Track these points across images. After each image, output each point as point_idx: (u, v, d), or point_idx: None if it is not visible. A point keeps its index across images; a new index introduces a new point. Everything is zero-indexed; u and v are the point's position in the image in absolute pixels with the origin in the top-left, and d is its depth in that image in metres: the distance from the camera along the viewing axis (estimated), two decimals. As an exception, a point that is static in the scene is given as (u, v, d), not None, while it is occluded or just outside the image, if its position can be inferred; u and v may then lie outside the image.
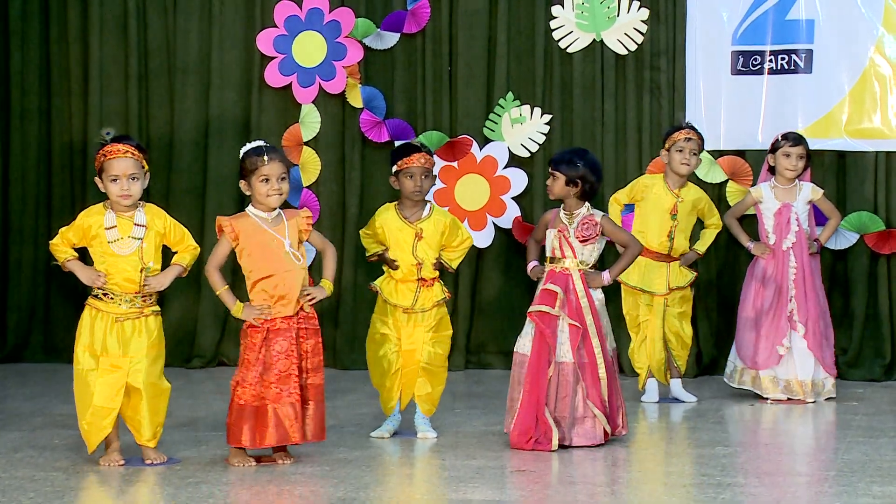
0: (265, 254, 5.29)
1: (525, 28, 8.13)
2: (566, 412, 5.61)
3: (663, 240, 6.88)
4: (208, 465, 5.30)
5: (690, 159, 6.87)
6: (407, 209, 5.93)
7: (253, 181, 5.31)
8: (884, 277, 7.67)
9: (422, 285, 5.88)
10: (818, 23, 7.66)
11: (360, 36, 8.18)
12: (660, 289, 6.88)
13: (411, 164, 5.87)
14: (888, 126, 7.62)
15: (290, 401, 5.25)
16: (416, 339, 5.87)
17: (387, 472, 5.39)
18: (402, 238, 5.89)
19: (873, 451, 5.52)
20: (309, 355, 5.33)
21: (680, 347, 6.96)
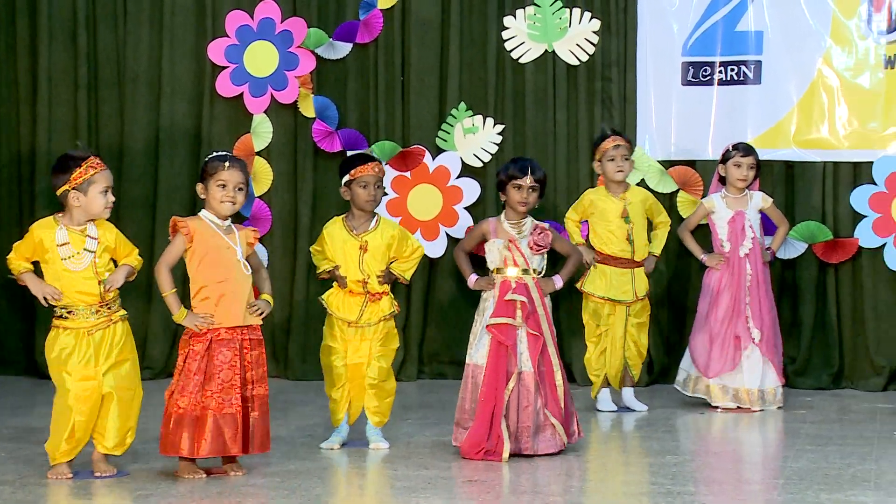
0: (218, 259, 5.28)
1: (477, 38, 8.15)
2: (529, 421, 5.63)
3: (624, 245, 6.92)
4: (158, 478, 5.26)
5: (623, 165, 6.91)
6: (355, 220, 5.92)
7: (210, 185, 5.30)
8: (832, 286, 7.74)
9: (369, 300, 5.86)
10: (767, 34, 7.73)
11: (313, 46, 8.17)
12: (627, 297, 6.91)
13: (365, 173, 5.86)
14: (836, 137, 7.70)
15: (230, 411, 5.22)
16: (363, 352, 5.86)
17: (338, 483, 5.38)
18: (347, 251, 5.87)
19: (821, 459, 5.57)
20: (253, 366, 5.30)
21: (636, 356, 7.00)
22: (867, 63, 7.63)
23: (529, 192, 5.75)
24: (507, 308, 5.69)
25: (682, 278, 7.86)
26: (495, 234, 5.81)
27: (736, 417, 6.79)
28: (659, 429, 6.48)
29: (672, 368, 7.88)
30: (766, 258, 7.03)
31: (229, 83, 8.20)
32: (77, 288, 5.18)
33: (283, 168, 8.25)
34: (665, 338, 7.91)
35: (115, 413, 5.23)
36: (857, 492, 4.92)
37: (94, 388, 5.20)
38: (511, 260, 5.75)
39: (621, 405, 7.00)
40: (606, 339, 6.94)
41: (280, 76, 8.16)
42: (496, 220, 5.84)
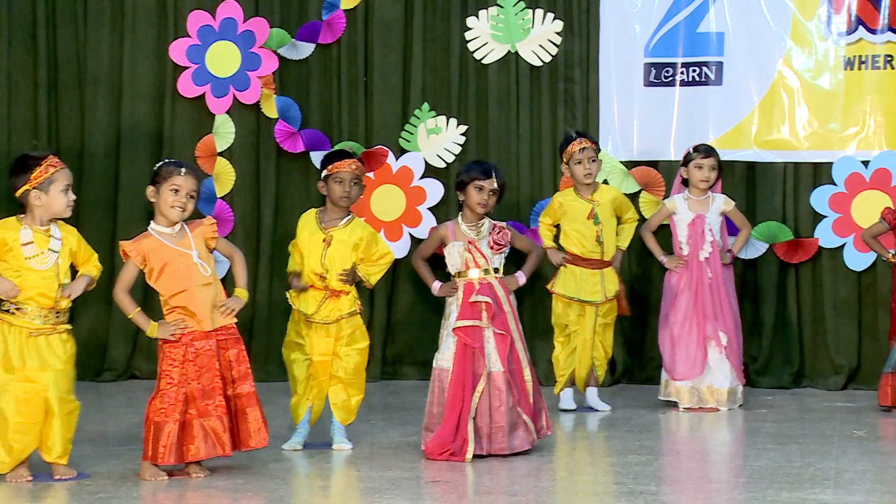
0: (174, 270, 5.25)
1: (440, 39, 8.15)
2: (503, 421, 5.63)
3: (593, 246, 6.93)
4: (119, 480, 5.22)
5: (591, 167, 6.93)
6: (327, 214, 5.90)
7: (163, 188, 5.28)
8: (792, 286, 7.80)
9: (328, 296, 5.84)
10: (728, 35, 7.78)
11: (275, 46, 8.15)
12: (596, 297, 6.93)
13: (342, 168, 5.85)
14: (796, 137, 7.75)
15: (216, 414, 5.21)
16: (326, 350, 5.84)
17: (301, 484, 5.36)
18: (312, 243, 5.85)
19: (782, 458, 5.61)
20: (234, 364, 5.30)
21: (603, 357, 7.02)
22: (827, 64, 7.69)
23: (490, 195, 5.76)
24: (473, 310, 5.69)
25: (644, 279, 7.90)
26: (454, 237, 5.80)
27: (697, 417, 6.82)
28: (621, 428, 6.50)
29: (635, 369, 7.92)
30: (725, 260, 7.07)
31: (191, 83, 8.17)
32: (37, 288, 5.14)
33: (245, 169, 8.22)
34: (628, 338, 7.94)
35: (58, 424, 5.19)
36: (817, 490, 4.96)
37: (36, 392, 5.14)
38: (472, 261, 5.76)
39: (584, 405, 7.02)
40: (576, 340, 6.96)
41: (242, 76, 8.13)
42: (454, 224, 5.84)
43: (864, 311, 7.73)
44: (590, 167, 6.91)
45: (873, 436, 6.27)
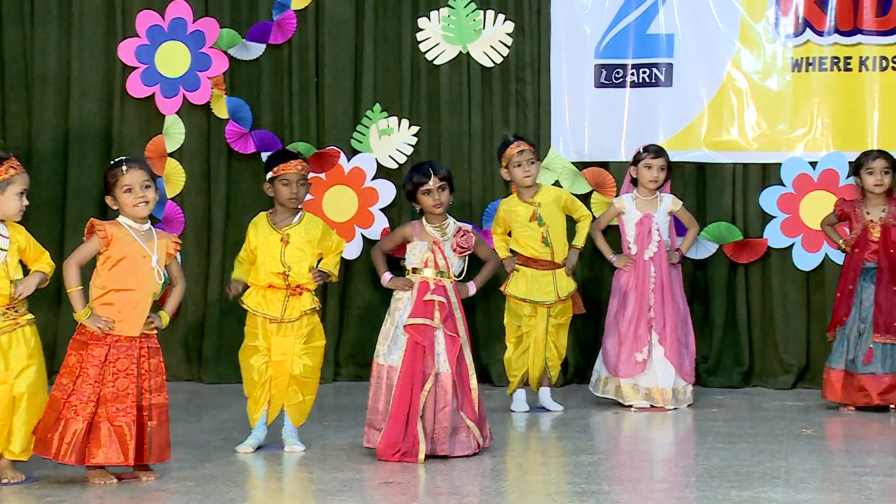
0: (132, 266, 5.21)
1: (392, 40, 8.14)
2: (446, 422, 5.63)
3: (541, 247, 6.95)
4: (67, 484, 5.17)
5: (530, 169, 6.95)
6: (278, 216, 5.90)
7: (117, 193, 5.24)
8: (742, 286, 7.86)
9: (290, 294, 5.83)
10: (678, 37, 7.83)
11: (225, 46, 8.11)
12: (548, 298, 6.94)
13: (288, 170, 5.84)
14: (745, 139, 7.82)
15: (125, 420, 5.14)
16: (287, 349, 5.83)
17: (253, 486, 5.34)
18: (269, 244, 5.83)
19: (732, 457, 5.65)
20: (151, 374, 5.23)
21: (556, 357, 7.05)
22: (775, 66, 7.75)
23: (440, 192, 5.76)
24: (426, 309, 5.69)
25: (595, 279, 7.93)
26: (418, 236, 5.81)
27: (648, 416, 6.86)
28: (574, 428, 6.53)
29: (587, 369, 7.94)
30: (673, 259, 7.12)
31: (140, 84, 8.10)
32: None
33: (195, 169, 8.17)
34: (580, 339, 7.97)
35: (22, 418, 5.14)
36: (766, 489, 5.00)
37: (5, 392, 5.10)
38: (433, 262, 5.76)
39: (537, 405, 7.04)
40: (528, 340, 6.98)
41: (192, 77, 8.08)
42: (419, 224, 5.84)
43: (813, 311, 7.80)
44: (529, 169, 6.93)
45: (822, 434, 6.34)
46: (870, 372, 6.85)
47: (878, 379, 6.84)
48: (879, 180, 6.95)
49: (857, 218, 7.00)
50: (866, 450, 5.87)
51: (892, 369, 6.83)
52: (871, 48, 7.59)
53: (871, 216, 6.97)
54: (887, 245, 6.90)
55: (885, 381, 6.84)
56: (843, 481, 5.17)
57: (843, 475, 5.28)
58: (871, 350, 6.85)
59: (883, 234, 6.92)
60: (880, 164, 6.96)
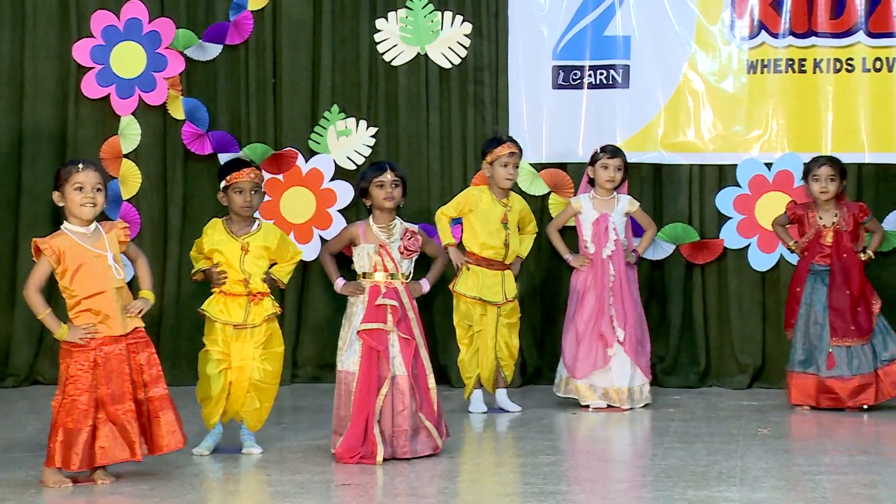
0: (90, 271, 5.19)
1: (349, 40, 8.13)
2: (406, 425, 5.63)
3: (499, 248, 6.96)
4: (22, 488, 5.13)
5: (513, 173, 6.99)
6: (235, 225, 5.88)
7: (67, 190, 5.21)
8: (698, 287, 7.91)
9: (251, 300, 5.82)
10: (634, 39, 7.86)
11: (182, 47, 8.06)
12: (497, 298, 6.95)
13: (241, 179, 5.83)
14: (701, 140, 7.86)
15: (126, 419, 5.14)
16: (246, 355, 5.81)
17: (210, 488, 5.31)
18: (229, 252, 5.82)
19: (688, 457, 5.68)
20: (144, 368, 5.24)
21: (508, 357, 7.05)
22: (731, 68, 7.80)
23: (393, 187, 5.76)
24: (378, 313, 5.69)
25: (552, 279, 7.94)
26: (365, 238, 5.79)
27: (606, 417, 6.88)
28: (532, 429, 6.54)
29: (545, 369, 7.97)
30: (630, 259, 7.15)
31: (95, 84, 8.04)
32: None
33: (152, 171, 8.12)
34: (537, 339, 7.98)
35: None
36: (723, 488, 5.03)
37: None
38: (381, 265, 5.75)
39: (494, 406, 7.05)
40: (479, 341, 6.98)
41: (148, 77, 8.03)
42: (365, 224, 5.83)
43: (769, 311, 7.85)
44: (512, 173, 6.97)
45: (777, 434, 6.38)
46: (837, 375, 6.90)
47: (845, 381, 6.89)
48: (824, 187, 7.01)
49: (809, 223, 7.06)
50: (821, 449, 5.92)
51: (857, 370, 6.89)
52: (825, 50, 7.66)
53: (823, 221, 7.03)
54: (840, 250, 6.96)
55: (854, 382, 6.89)
56: (798, 480, 5.21)
57: (799, 474, 5.32)
58: (832, 354, 6.91)
59: (836, 238, 6.98)
60: (826, 172, 7.02)
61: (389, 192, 5.75)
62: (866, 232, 7.13)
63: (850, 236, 7.00)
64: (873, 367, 6.91)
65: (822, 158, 7.14)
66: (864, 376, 6.89)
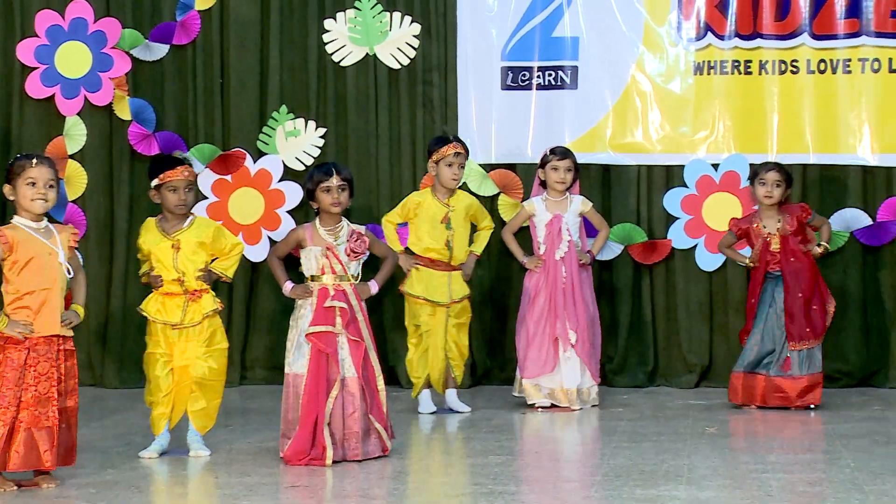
0: (41, 265, 5.13)
1: (298, 41, 8.10)
2: (357, 427, 5.61)
3: (441, 249, 6.97)
4: (-35, 493, 5.06)
5: (459, 173, 7.00)
6: (167, 223, 5.85)
7: (19, 184, 5.16)
8: (647, 287, 7.95)
9: (189, 299, 5.78)
10: (583, 40, 7.89)
11: (128, 47, 8.00)
12: (443, 298, 6.96)
13: (175, 177, 5.79)
14: (649, 141, 7.90)
15: (47, 424, 5.08)
16: (190, 353, 5.77)
17: (157, 492, 5.27)
18: (161, 252, 5.78)
19: (637, 456, 5.71)
20: (65, 378, 5.17)
21: (458, 357, 7.06)
22: (678, 69, 7.85)
23: (339, 192, 5.75)
24: (327, 316, 5.67)
25: (504, 280, 7.96)
26: (311, 241, 5.77)
27: (556, 417, 6.90)
28: (481, 430, 6.54)
29: (495, 370, 7.98)
30: (584, 260, 7.17)
31: (40, 84, 7.96)
32: None
33: (98, 171, 8.05)
34: (487, 340, 7.99)
35: None
36: (670, 487, 5.06)
37: None
38: (329, 267, 5.73)
39: (444, 407, 7.05)
40: (428, 341, 6.98)
41: (94, 77, 7.96)
42: (311, 227, 5.81)
43: (716, 311, 7.91)
44: (458, 172, 6.97)
45: (724, 433, 6.43)
46: (788, 374, 6.97)
47: (795, 381, 6.96)
48: (769, 192, 7.07)
49: (755, 234, 7.12)
50: (767, 447, 5.97)
51: (809, 370, 6.96)
52: (770, 52, 7.73)
53: (767, 228, 7.09)
54: (787, 254, 7.02)
55: (804, 381, 6.96)
56: (744, 479, 5.25)
57: (745, 473, 5.36)
58: (789, 359, 6.97)
59: (782, 244, 7.04)
60: (772, 177, 7.08)
61: (336, 198, 5.74)
62: (815, 230, 7.20)
63: (797, 238, 7.06)
64: (822, 367, 6.99)
65: (770, 164, 7.20)
66: (813, 376, 6.96)
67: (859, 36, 7.65)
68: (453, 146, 6.97)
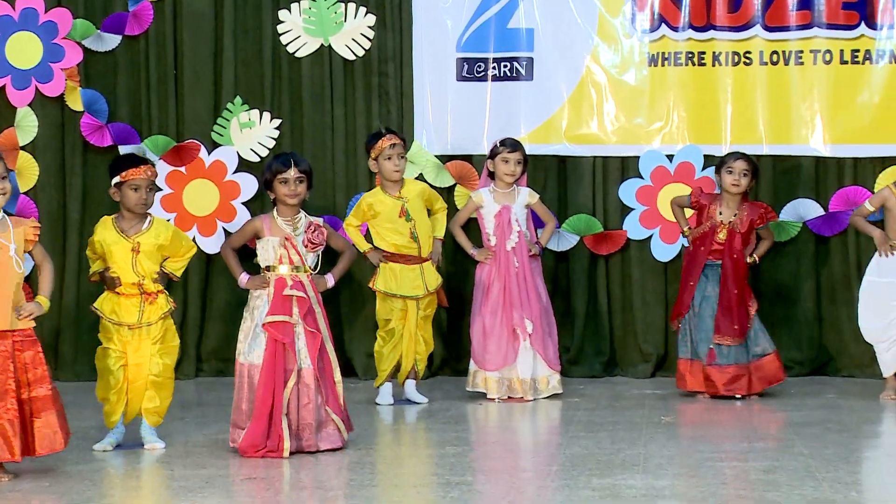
0: None
1: (252, 32, 8.05)
2: (311, 418, 5.59)
3: (409, 242, 6.96)
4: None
5: (400, 164, 6.98)
6: (126, 222, 5.80)
7: None
8: (602, 277, 7.98)
9: (145, 300, 5.74)
10: (538, 32, 7.90)
11: (79, 37, 7.92)
12: (418, 292, 6.94)
13: (137, 176, 5.75)
14: (604, 132, 7.93)
15: (7, 418, 5.04)
16: (143, 352, 5.75)
17: (111, 485, 5.23)
18: (120, 252, 5.74)
19: (593, 445, 5.73)
20: (29, 367, 5.14)
21: (424, 350, 7.06)
22: (632, 60, 7.88)
23: (297, 184, 5.72)
24: (284, 305, 5.64)
25: (457, 273, 7.95)
26: (269, 231, 5.74)
27: (513, 407, 6.92)
28: (439, 420, 6.55)
29: (452, 361, 7.98)
30: (533, 251, 7.18)
31: (-10, 75, 7.89)
32: None
33: (49, 163, 7.98)
34: (443, 331, 7.99)
35: None
36: (626, 476, 5.09)
37: None
38: (286, 258, 5.71)
39: (402, 398, 7.05)
40: (401, 334, 6.97)
41: (45, 68, 7.88)
42: (269, 218, 5.79)
43: (671, 301, 7.92)
44: (399, 164, 6.96)
45: (679, 422, 6.47)
46: (715, 364, 7.02)
47: (722, 370, 7.01)
48: (736, 180, 7.10)
49: (708, 215, 7.15)
50: (722, 436, 6.02)
51: (735, 360, 7.02)
52: (723, 43, 7.77)
53: (722, 217, 7.13)
54: (731, 249, 7.07)
55: (730, 371, 7.01)
56: (699, 467, 5.29)
57: (700, 461, 5.40)
58: (713, 351, 7.02)
59: (729, 237, 7.08)
60: (740, 166, 7.12)
61: (293, 189, 5.72)
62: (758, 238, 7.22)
63: (743, 238, 7.10)
64: (747, 360, 7.04)
65: (737, 153, 7.22)
66: (739, 367, 7.02)
67: (811, 28, 7.71)
68: (387, 139, 6.96)
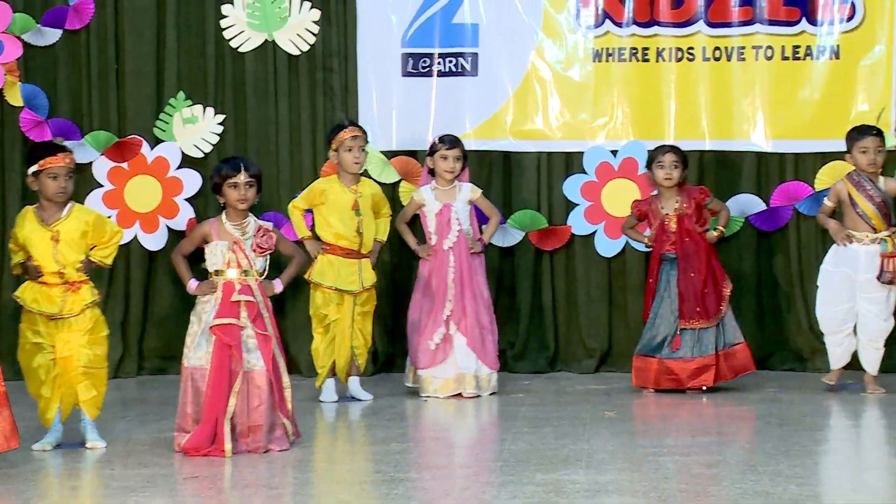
0: None
1: (195, 26, 7.99)
2: (261, 420, 5.56)
3: (352, 236, 6.94)
4: None
5: (360, 156, 6.98)
6: (45, 211, 5.73)
7: None
8: (547, 273, 8.00)
9: (68, 290, 5.67)
10: (483, 27, 7.90)
11: (19, 31, 7.82)
12: (354, 287, 6.92)
13: (56, 164, 5.68)
14: (549, 128, 7.95)
15: None
16: (72, 344, 5.67)
17: (51, 485, 5.17)
18: (39, 242, 5.67)
19: (538, 441, 5.75)
20: None
21: (363, 346, 7.04)
22: (577, 56, 7.90)
23: (247, 189, 5.69)
24: (232, 309, 5.61)
25: (403, 268, 7.95)
26: (218, 235, 5.70)
27: (458, 404, 6.91)
28: (383, 417, 6.54)
29: (396, 358, 7.97)
30: (475, 248, 7.17)
31: (-73, 69, 7.76)
32: None
33: (-11, 159, 7.88)
34: (388, 327, 7.98)
35: None
36: (570, 471, 5.10)
37: None
38: (235, 262, 5.67)
39: (346, 395, 7.03)
40: (335, 330, 6.95)
41: (-16, 62, 7.78)
42: (217, 221, 5.74)
43: (615, 296, 7.99)
44: (359, 156, 6.95)
45: (623, 416, 6.50)
46: (678, 356, 7.06)
47: (686, 363, 7.06)
48: (668, 174, 7.16)
49: (653, 214, 7.22)
50: (665, 431, 6.06)
51: (699, 353, 7.07)
52: (667, 39, 7.81)
53: (665, 210, 7.19)
54: (682, 234, 7.13)
55: (694, 364, 7.06)
56: (642, 462, 5.32)
57: (643, 456, 5.43)
58: (679, 337, 7.07)
59: (679, 224, 7.15)
60: (670, 159, 7.18)
61: (243, 194, 5.68)
62: (712, 215, 7.30)
63: (693, 219, 7.17)
64: (715, 349, 7.09)
65: (665, 147, 7.30)
66: (704, 358, 7.06)
67: (753, 24, 7.77)
68: (350, 130, 6.96)
